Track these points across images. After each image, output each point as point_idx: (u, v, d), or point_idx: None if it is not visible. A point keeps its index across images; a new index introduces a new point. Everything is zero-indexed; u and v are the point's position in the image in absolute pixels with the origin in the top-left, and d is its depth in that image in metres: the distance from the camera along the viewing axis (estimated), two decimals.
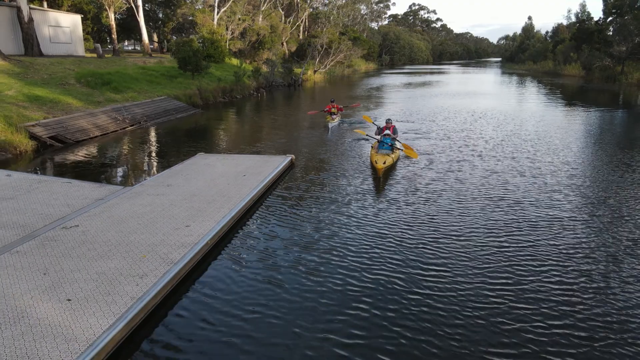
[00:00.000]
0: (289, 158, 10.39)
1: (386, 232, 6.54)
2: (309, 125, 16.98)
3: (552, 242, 6.14)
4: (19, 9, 24.56)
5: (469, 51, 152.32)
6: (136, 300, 4.32)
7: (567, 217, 7.08)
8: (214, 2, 38.87)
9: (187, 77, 25.81)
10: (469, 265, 5.45)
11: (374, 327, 4.27)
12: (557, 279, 5.15)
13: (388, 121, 11.70)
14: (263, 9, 44.84)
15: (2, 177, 8.35)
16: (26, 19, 24.69)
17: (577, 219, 7.03)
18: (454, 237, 6.30)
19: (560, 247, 5.98)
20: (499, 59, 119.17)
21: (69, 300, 4.31)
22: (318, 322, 4.35)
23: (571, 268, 5.41)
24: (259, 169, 9.33)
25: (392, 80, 45.56)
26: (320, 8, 62.60)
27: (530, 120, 17.55)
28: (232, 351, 3.93)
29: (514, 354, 3.90)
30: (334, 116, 16.69)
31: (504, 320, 4.35)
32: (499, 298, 4.74)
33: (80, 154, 12.08)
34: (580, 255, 5.77)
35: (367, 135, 12.74)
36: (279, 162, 9.90)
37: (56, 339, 3.73)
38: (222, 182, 8.39)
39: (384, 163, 9.47)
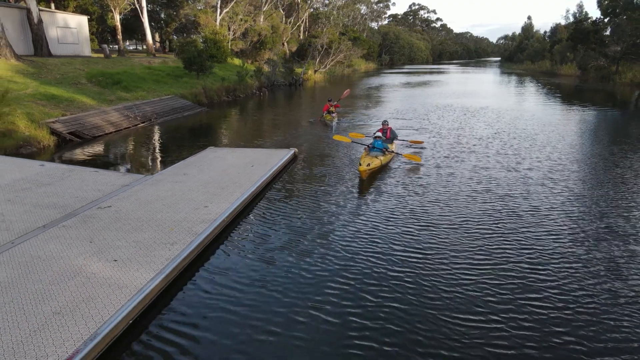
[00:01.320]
0: (292, 151, 11.32)
1: (373, 214, 7.47)
2: (309, 122, 17.88)
3: (551, 240, 6.32)
4: (28, 11, 25.44)
5: (468, 51, 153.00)
6: (170, 260, 5.25)
7: (567, 217, 7.28)
8: (216, 3, 39.75)
9: (192, 77, 26.73)
10: (468, 258, 5.73)
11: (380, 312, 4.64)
12: (556, 281, 5.24)
13: (384, 123, 11.94)
14: (264, 9, 45.70)
15: (37, 167, 9.30)
16: (36, 20, 25.55)
17: (574, 215, 7.29)
18: (454, 229, 6.70)
19: (558, 245, 6.18)
20: (499, 58, 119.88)
21: (115, 260, 5.25)
22: (319, 284, 5.29)
23: (571, 271, 5.50)
24: (265, 161, 10.27)
25: (391, 80, 46.44)
26: (320, 8, 63.52)
27: (521, 119, 18.43)
28: (247, 300, 4.87)
29: (514, 354, 4.03)
30: (334, 114, 17.32)
31: (503, 320, 4.49)
32: (498, 297, 4.87)
33: (99, 148, 13.04)
34: (575, 251, 5.98)
35: (365, 136, 12.88)
36: (283, 155, 10.84)
37: (111, 286, 4.67)
38: (232, 172, 9.32)
39: (368, 165, 9.35)
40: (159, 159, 11.87)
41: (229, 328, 4.38)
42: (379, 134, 11.06)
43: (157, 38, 52.43)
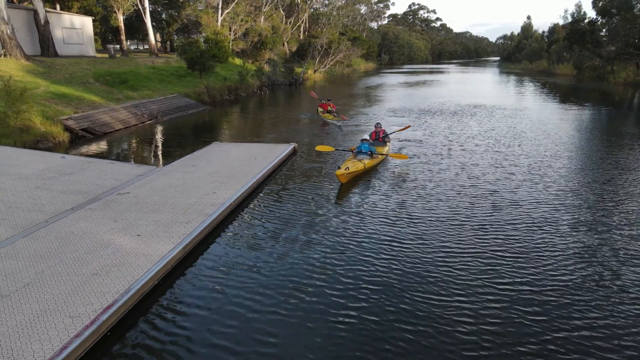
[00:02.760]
0: (292, 146, 12.12)
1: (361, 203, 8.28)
2: (309, 120, 18.68)
3: (548, 239, 6.52)
4: (35, 12, 26.23)
5: (468, 50, 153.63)
6: (186, 235, 6.06)
7: (556, 210, 7.60)
8: (217, 3, 40.49)
9: (195, 77, 27.53)
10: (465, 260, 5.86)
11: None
12: (555, 284, 5.32)
13: (377, 125, 12.07)
14: (265, 10, 46.49)
15: (58, 159, 10.11)
16: (42, 21, 26.32)
17: (570, 213, 7.55)
18: (442, 222, 7.11)
19: (555, 243, 6.40)
20: (498, 58, 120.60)
21: (138, 235, 6.06)
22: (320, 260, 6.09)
23: (568, 267, 5.68)
24: (267, 154, 11.07)
25: (390, 79, 47.23)
26: (320, 9, 64.30)
27: (514, 117, 19.22)
28: (251, 267, 5.67)
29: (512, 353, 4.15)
30: (335, 114, 17.64)
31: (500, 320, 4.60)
32: (496, 297, 4.98)
33: (110, 143, 13.86)
34: (570, 248, 6.19)
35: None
36: (284, 149, 11.64)
37: (137, 255, 5.47)
38: (237, 164, 10.12)
39: (346, 169, 9.03)
40: (168, 152, 12.68)
41: (237, 288, 5.18)
42: (366, 136, 10.92)
43: (159, 38, 53.23)
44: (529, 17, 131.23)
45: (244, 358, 4.03)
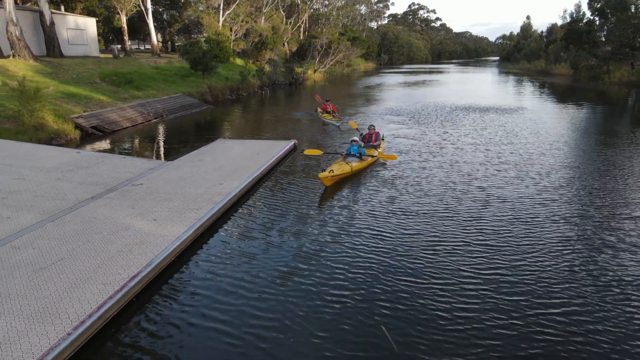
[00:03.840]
0: (293, 142, 12.82)
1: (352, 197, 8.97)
2: (308, 119, 19.36)
3: (545, 237, 6.75)
4: (41, 13, 26.88)
5: (468, 50, 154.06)
6: (197, 220, 6.76)
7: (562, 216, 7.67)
8: (219, 4, 41.16)
9: (197, 77, 28.23)
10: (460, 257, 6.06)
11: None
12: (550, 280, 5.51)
13: (370, 127, 12.09)
14: (265, 11, 47.18)
15: (74, 154, 10.82)
16: (48, 22, 26.96)
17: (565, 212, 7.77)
18: (448, 224, 7.32)
19: (551, 240, 6.63)
20: (498, 58, 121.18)
21: (154, 220, 6.76)
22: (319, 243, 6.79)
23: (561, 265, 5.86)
24: (269, 150, 11.76)
25: (389, 79, 47.92)
26: (320, 9, 64.98)
27: (509, 117, 19.90)
28: (255, 249, 6.37)
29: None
30: (335, 114, 17.86)
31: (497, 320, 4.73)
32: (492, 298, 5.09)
33: (119, 140, 14.57)
34: (564, 246, 6.42)
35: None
36: (285, 145, 12.34)
37: (155, 235, 6.17)
38: (241, 159, 10.82)
39: (331, 172, 8.92)
40: (175, 148, 13.38)
41: (240, 264, 5.89)
42: (356, 138, 10.85)
43: (160, 38, 53.94)
44: (528, 17, 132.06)
45: (247, 315, 4.72)
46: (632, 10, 39.38)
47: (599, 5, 45.74)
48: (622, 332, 4.50)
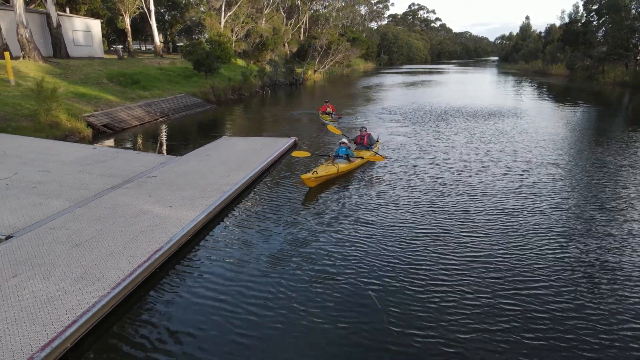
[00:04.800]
0: (293, 139, 13.66)
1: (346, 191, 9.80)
2: (308, 117, 20.20)
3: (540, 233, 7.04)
4: (48, 15, 27.69)
5: (467, 50, 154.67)
6: (208, 206, 7.60)
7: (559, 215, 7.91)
8: (220, 5, 41.96)
9: (200, 77, 29.07)
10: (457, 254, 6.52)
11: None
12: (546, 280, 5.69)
13: (362, 129, 12.19)
14: (266, 12, 48.02)
15: (91, 149, 11.67)
16: (55, 24, 27.76)
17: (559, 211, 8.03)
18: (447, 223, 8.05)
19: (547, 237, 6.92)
20: (497, 58, 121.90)
21: (170, 206, 7.59)
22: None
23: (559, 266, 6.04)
24: (271, 146, 12.60)
25: (388, 79, 48.73)
26: (320, 10, 65.82)
27: (502, 116, 20.72)
28: (259, 231, 7.21)
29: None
30: (334, 116, 18.17)
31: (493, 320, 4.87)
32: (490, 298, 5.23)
33: (130, 137, 15.41)
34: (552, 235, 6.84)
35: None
36: (286, 142, 13.18)
37: (172, 218, 7.01)
38: (245, 154, 11.65)
39: (314, 173, 9.07)
40: (183, 145, 14.21)
41: (247, 243, 6.72)
42: (345, 140, 10.88)
43: (161, 39, 54.83)
44: (527, 17, 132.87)
45: (249, 281, 5.55)
46: (624, 13, 40.09)
47: (594, 7, 46.57)
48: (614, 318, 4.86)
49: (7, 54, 18.30)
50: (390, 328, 4.71)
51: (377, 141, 12.79)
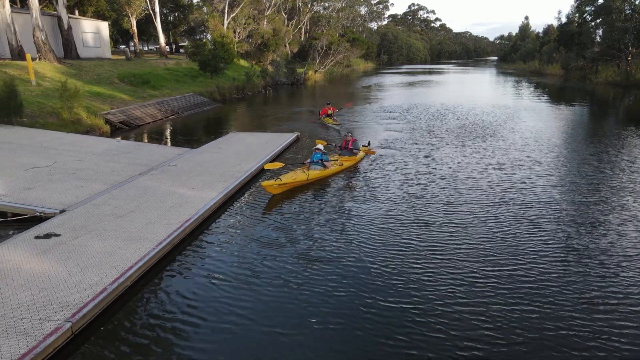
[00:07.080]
0: (296, 134, 14.97)
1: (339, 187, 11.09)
2: (308, 116, 21.46)
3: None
4: (59, 18, 28.94)
5: (467, 50, 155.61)
6: (224, 188, 8.91)
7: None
8: (223, 7, 43.17)
9: (206, 77, 30.38)
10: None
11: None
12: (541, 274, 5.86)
13: (347, 135, 12.06)
14: (267, 13, 49.29)
15: (115, 142, 13.01)
16: (66, 26, 29.00)
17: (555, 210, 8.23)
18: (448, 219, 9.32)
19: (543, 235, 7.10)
20: (496, 58, 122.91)
21: (193, 188, 8.90)
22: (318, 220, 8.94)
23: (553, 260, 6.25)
24: (276, 140, 13.90)
25: (387, 79, 49.97)
26: (321, 11, 67.10)
27: (496, 115, 21.96)
28: (266, 212, 8.50)
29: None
30: (335, 118, 18.44)
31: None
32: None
33: (145, 133, 16.72)
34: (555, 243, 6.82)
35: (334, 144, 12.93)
36: (289, 137, 14.49)
37: (196, 198, 8.31)
38: (252, 147, 12.96)
39: (276, 180, 8.94)
40: (196, 139, 15.54)
41: (257, 219, 8.03)
42: (320, 146, 10.63)
43: (165, 39, 56.10)
44: (526, 18, 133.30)
45: (258, 254, 6.84)
46: (615, 15, 41.28)
47: (587, 8, 47.79)
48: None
49: (28, 55, 19.57)
50: (388, 326, 4.93)
51: (365, 146, 12.66)
